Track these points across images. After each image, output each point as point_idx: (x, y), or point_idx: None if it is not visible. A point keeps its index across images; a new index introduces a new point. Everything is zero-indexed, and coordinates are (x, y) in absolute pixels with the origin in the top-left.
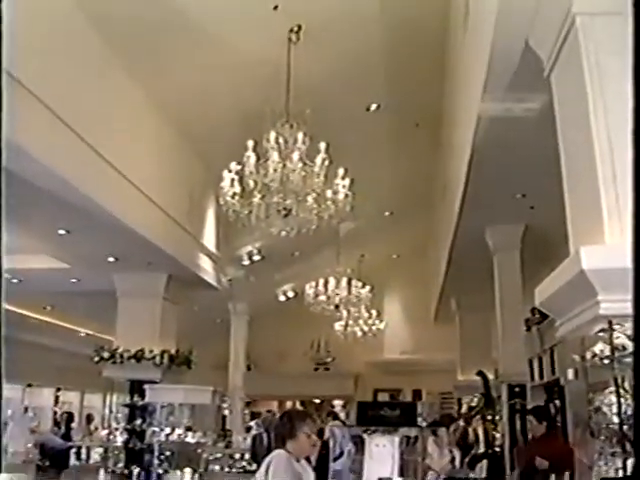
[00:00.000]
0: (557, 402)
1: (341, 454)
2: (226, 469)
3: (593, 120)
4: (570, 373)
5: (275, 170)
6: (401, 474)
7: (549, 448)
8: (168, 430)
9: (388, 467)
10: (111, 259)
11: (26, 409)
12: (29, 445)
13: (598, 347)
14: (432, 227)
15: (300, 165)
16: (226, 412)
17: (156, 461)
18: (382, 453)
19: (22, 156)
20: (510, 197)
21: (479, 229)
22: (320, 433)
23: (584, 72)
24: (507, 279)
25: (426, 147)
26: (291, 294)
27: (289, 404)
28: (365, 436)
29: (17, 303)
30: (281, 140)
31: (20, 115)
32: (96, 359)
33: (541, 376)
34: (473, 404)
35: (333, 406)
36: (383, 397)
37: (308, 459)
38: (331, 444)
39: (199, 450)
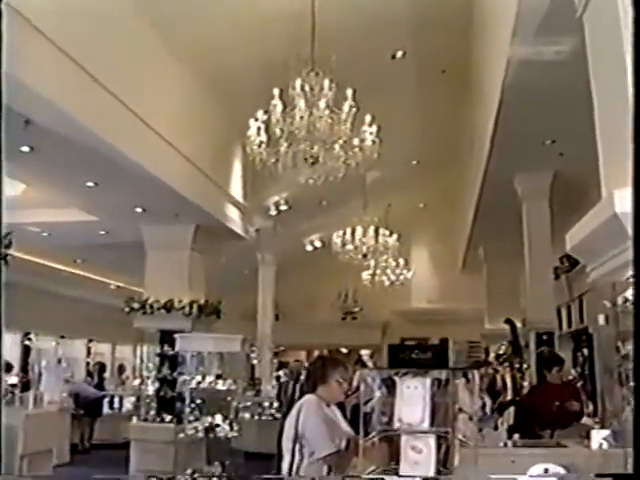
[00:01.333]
0: (585, 350)
1: (372, 398)
2: (255, 417)
3: (628, 61)
4: (601, 319)
5: (301, 118)
6: (432, 416)
7: (573, 393)
8: (199, 378)
9: (419, 409)
10: (139, 210)
11: (59, 360)
12: (64, 394)
13: (629, 293)
14: (459, 176)
15: (327, 112)
16: (255, 362)
17: (187, 409)
18: (413, 395)
19: (48, 108)
20: (539, 143)
21: (507, 176)
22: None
23: (619, 11)
24: (536, 227)
25: (453, 94)
26: (318, 244)
27: (317, 354)
28: (396, 378)
29: (48, 256)
30: (307, 87)
31: (44, 65)
32: (127, 310)
33: (569, 324)
34: (501, 352)
35: (360, 355)
36: None
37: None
38: (362, 387)
39: (229, 398)
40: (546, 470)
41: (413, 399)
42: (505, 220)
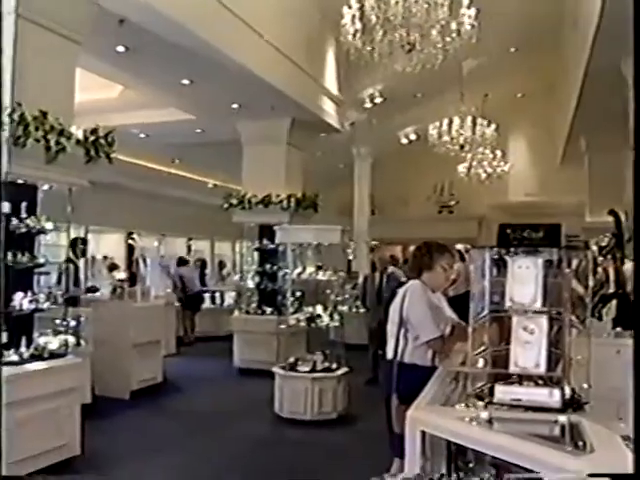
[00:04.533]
0: None
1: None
2: (353, 309)
3: None
4: None
5: (396, 3)
6: (544, 296)
7: None
8: (299, 269)
9: (531, 289)
10: (234, 106)
11: (162, 258)
12: (168, 290)
13: None
14: (560, 63)
15: None
16: (350, 257)
17: (288, 300)
18: (525, 275)
19: (142, 6)
20: None
21: (614, 60)
22: None
23: None
24: None
25: None
26: (413, 137)
27: (412, 249)
28: (507, 258)
29: (147, 158)
30: None
31: None
32: (225, 206)
33: None
34: (603, 244)
35: (459, 250)
36: None
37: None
38: (472, 268)
39: (328, 291)
40: None
41: (525, 279)
42: (610, 108)
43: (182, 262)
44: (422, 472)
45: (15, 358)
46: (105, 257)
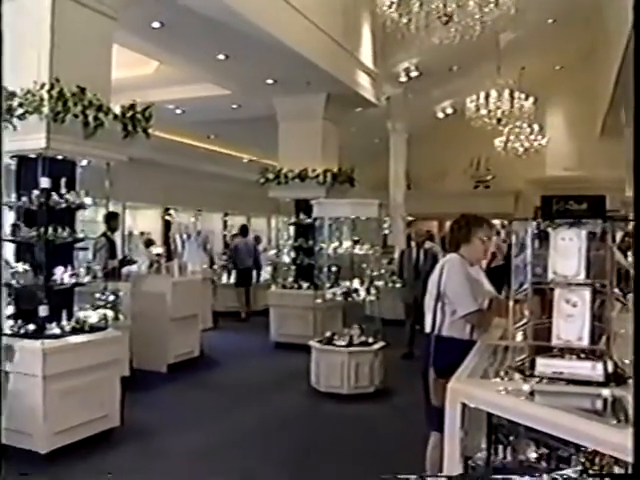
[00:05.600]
0: None
1: (522, 250)
2: (389, 284)
3: None
4: None
5: None
6: (588, 269)
7: None
8: (335, 244)
9: (575, 261)
10: (270, 81)
11: (199, 233)
12: (204, 266)
13: None
14: (600, 33)
15: None
16: (386, 232)
17: (325, 275)
18: (568, 247)
19: None
20: None
21: None
22: None
23: None
24: None
25: None
26: (449, 111)
27: (448, 224)
28: (550, 230)
29: (183, 134)
30: None
31: None
32: (262, 181)
33: None
34: None
35: (495, 225)
36: None
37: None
38: (513, 239)
39: (364, 265)
40: None
41: (568, 251)
42: None
43: (242, 232)
44: (461, 445)
45: (57, 331)
46: (142, 233)
